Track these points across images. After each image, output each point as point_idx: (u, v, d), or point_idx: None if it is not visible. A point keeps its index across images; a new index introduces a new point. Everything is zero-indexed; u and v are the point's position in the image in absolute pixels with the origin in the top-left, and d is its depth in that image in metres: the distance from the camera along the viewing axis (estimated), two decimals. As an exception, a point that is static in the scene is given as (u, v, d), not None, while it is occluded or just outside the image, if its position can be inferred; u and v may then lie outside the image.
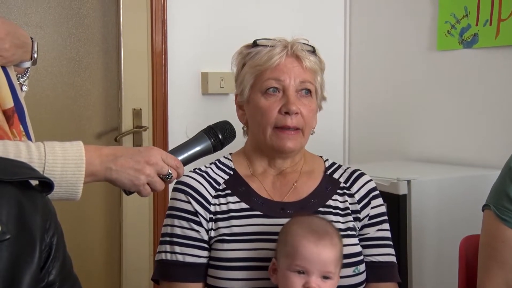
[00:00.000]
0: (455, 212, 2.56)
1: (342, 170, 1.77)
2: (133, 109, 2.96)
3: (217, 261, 1.59)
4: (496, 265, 1.74)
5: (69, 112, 2.90)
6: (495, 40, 2.82)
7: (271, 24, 2.99)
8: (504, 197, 1.73)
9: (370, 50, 3.37)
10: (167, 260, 1.61)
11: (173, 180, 1.49)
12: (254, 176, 1.72)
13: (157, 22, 2.93)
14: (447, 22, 2.99)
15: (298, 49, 1.66)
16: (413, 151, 3.17)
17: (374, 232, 1.70)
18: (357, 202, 1.72)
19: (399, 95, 3.24)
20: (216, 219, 1.63)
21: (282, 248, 1.49)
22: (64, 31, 2.88)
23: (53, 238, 1.10)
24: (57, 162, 1.30)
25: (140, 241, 2.99)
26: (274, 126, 1.63)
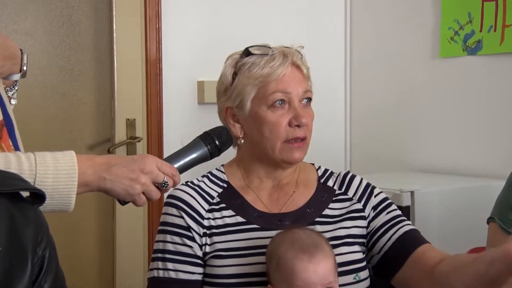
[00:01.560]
0: (460, 224, 2.58)
1: (334, 177, 1.77)
2: (126, 119, 2.97)
3: (213, 278, 1.59)
4: None
5: (60, 123, 2.92)
6: (500, 46, 2.85)
7: (269, 31, 3.02)
8: (509, 209, 1.77)
9: (371, 57, 3.39)
10: (159, 277, 1.60)
11: (169, 189, 1.48)
12: (249, 188, 1.71)
13: (152, 29, 2.94)
14: (450, 29, 3.02)
15: (297, 57, 1.67)
16: (416, 161, 3.19)
17: (384, 216, 1.70)
18: (358, 201, 1.71)
19: (401, 104, 3.25)
20: (211, 233, 1.62)
21: (276, 275, 1.48)
22: (55, 39, 2.90)
23: (45, 251, 1.10)
24: (48, 173, 1.30)
25: (134, 257, 3.00)
26: (284, 140, 1.63)
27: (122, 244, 2.99)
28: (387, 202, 1.72)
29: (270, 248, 1.53)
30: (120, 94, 2.97)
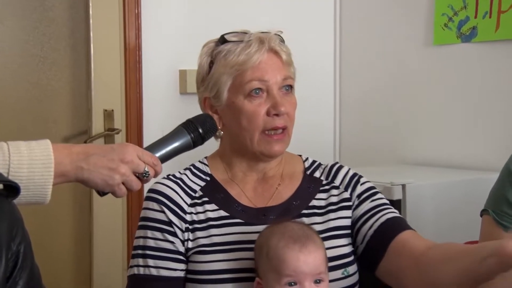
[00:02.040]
0: (453, 218, 2.60)
1: (322, 169, 1.78)
2: (104, 110, 2.96)
3: (197, 274, 1.60)
4: None
5: (34, 114, 2.90)
6: (495, 33, 2.85)
7: (255, 17, 3.01)
8: (503, 201, 1.78)
9: (362, 44, 3.40)
10: (139, 274, 1.61)
11: (151, 179, 1.47)
12: (232, 181, 1.72)
13: (131, 15, 2.93)
14: (444, 15, 3.02)
15: (275, 43, 1.67)
16: (408, 154, 3.21)
17: (368, 204, 1.70)
18: (345, 189, 1.72)
19: (393, 93, 3.27)
20: (193, 229, 1.63)
21: (265, 265, 1.49)
22: (27, 25, 2.88)
23: (20, 246, 1.10)
24: (23, 163, 1.29)
25: (112, 253, 2.99)
26: (262, 130, 1.64)
27: (99, 240, 2.98)
28: (373, 191, 1.73)
29: (260, 240, 1.55)
30: (97, 83, 2.95)
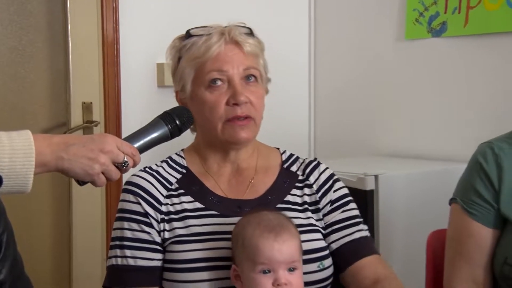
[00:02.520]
0: (423, 206, 2.62)
1: (299, 163, 1.79)
2: (82, 103, 2.96)
3: (174, 263, 1.61)
4: (462, 260, 1.80)
5: (11, 107, 2.90)
6: (464, 28, 2.88)
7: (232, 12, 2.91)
8: (471, 190, 1.80)
9: (336, 40, 3.41)
10: (117, 265, 1.61)
11: (129, 168, 1.47)
12: (208, 173, 1.73)
13: (108, 8, 2.91)
14: (415, 10, 3.04)
15: (236, 34, 1.67)
16: (380, 145, 3.23)
17: (339, 214, 1.72)
18: (316, 191, 1.74)
19: (366, 87, 3.28)
20: (170, 219, 1.64)
21: (241, 253, 1.51)
22: (5, 17, 2.88)
23: (2, 236, 1.13)
24: (4, 153, 1.28)
25: (91, 245, 2.99)
26: (224, 120, 1.65)
27: (78, 231, 3.00)
28: (345, 200, 1.76)
29: (236, 229, 1.56)
30: (76, 76, 2.96)
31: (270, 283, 1.47)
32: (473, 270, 1.79)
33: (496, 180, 1.78)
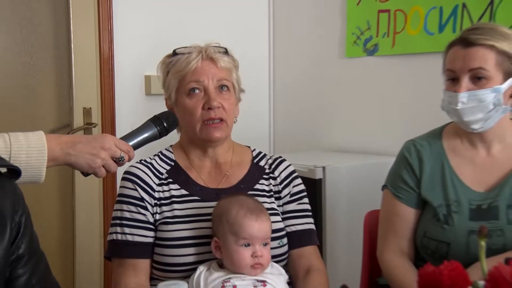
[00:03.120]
0: (361, 192, 2.63)
1: (266, 158, 1.80)
2: (83, 108, 2.93)
3: (163, 240, 1.61)
4: (391, 234, 1.82)
5: (24, 111, 2.87)
6: (392, 49, 2.91)
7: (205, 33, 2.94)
8: (398, 178, 1.82)
9: (292, 53, 3.38)
10: (117, 240, 1.61)
11: (125, 163, 1.48)
12: (191, 166, 1.72)
13: (104, 30, 2.91)
14: (353, 34, 3.05)
15: (212, 52, 1.67)
16: (327, 143, 3.22)
17: (295, 205, 1.74)
18: (279, 183, 1.75)
19: (316, 95, 3.27)
20: (160, 204, 1.64)
21: (225, 228, 1.51)
22: (18, 38, 2.85)
23: (21, 218, 1.12)
24: (21, 150, 1.29)
25: (91, 224, 2.97)
26: (202, 121, 1.65)
27: (80, 213, 2.97)
28: (301, 194, 1.78)
29: (218, 209, 1.58)
30: (78, 86, 2.93)
31: (249, 254, 1.49)
32: (400, 241, 1.81)
33: (418, 170, 1.81)
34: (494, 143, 1.78)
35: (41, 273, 1.17)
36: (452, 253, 1.74)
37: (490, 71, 1.68)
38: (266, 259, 1.52)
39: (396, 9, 2.88)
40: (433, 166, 1.80)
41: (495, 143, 1.78)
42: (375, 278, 1.97)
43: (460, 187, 1.77)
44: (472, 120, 1.72)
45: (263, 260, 1.50)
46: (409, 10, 2.83)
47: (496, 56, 1.68)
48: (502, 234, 1.70)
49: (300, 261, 1.70)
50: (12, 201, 1.12)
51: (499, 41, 1.68)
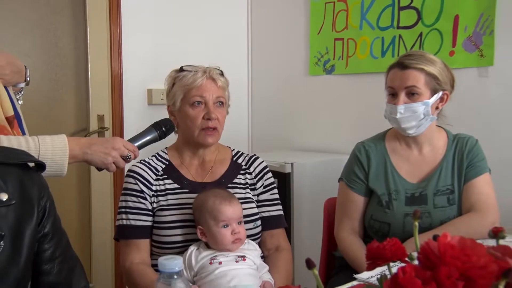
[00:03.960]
0: (322, 183, 2.63)
1: (243, 157, 1.79)
2: (97, 115, 2.91)
3: (159, 224, 1.61)
4: (346, 217, 1.84)
5: (51, 118, 2.85)
6: (346, 69, 2.93)
7: (197, 55, 2.97)
8: (351, 173, 1.85)
9: (268, 70, 3.36)
10: (123, 224, 1.62)
11: (132, 160, 1.47)
12: (182, 164, 1.71)
13: (115, 53, 2.90)
14: (315, 57, 3.06)
15: (213, 73, 1.66)
16: (295, 143, 3.22)
17: (267, 195, 1.74)
18: (254, 177, 1.75)
19: (286, 105, 3.26)
20: (157, 195, 1.64)
21: (206, 215, 1.51)
22: (46, 59, 2.83)
23: (46, 203, 1.11)
24: (48, 150, 1.29)
25: (103, 210, 2.95)
26: (200, 128, 1.64)
27: (95, 202, 2.95)
28: (272, 186, 1.77)
29: (198, 201, 1.57)
30: (93, 97, 2.91)
31: (229, 232, 1.49)
32: (352, 223, 1.83)
33: (366, 166, 1.83)
34: (424, 145, 1.81)
35: (63, 248, 1.16)
36: (392, 231, 1.75)
37: (421, 88, 1.71)
38: (243, 234, 1.52)
39: (348, 38, 2.91)
40: (378, 163, 1.82)
41: (425, 145, 1.81)
42: (332, 252, 1.98)
43: (398, 179, 1.79)
44: (408, 126, 1.74)
45: (240, 235, 1.50)
46: (359, 39, 2.86)
47: (425, 77, 1.70)
48: (429, 216, 1.73)
49: (271, 240, 1.70)
50: (39, 190, 1.10)
51: (427, 65, 1.71)
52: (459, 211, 1.75)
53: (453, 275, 0.59)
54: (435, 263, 0.61)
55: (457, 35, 2.48)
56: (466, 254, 0.61)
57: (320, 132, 3.10)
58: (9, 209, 1.02)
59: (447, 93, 1.75)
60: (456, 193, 1.75)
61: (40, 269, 1.10)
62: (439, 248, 0.62)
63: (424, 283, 0.59)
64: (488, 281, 0.60)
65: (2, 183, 1.03)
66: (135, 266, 1.58)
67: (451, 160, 1.78)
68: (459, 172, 1.77)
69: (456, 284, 0.59)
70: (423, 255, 0.63)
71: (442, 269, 0.60)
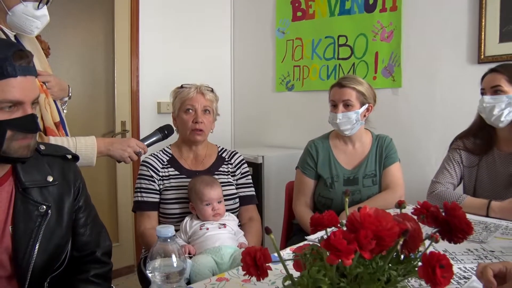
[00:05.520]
0: (285, 172, 2.58)
1: (227, 152, 1.76)
2: (121, 121, 2.87)
3: (164, 200, 1.59)
4: (301, 195, 1.83)
5: (87, 123, 2.78)
6: (302, 87, 2.92)
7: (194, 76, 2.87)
8: (305, 162, 1.85)
9: (244, 91, 3.33)
10: (138, 200, 1.59)
11: (142, 155, 1.46)
12: (181, 157, 1.68)
13: (134, 76, 2.84)
14: (280, 78, 3.05)
15: (203, 89, 1.64)
16: (266, 141, 3.20)
17: (244, 180, 1.71)
18: (234, 167, 1.72)
19: (259, 113, 3.23)
20: (163, 179, 1.61)
21: (194, 196, 1.49)
22: (86, 81, 2.76)
23: (80, 184, 1.11)
24: (82, 147, 1.31)
25: (125, 190, 2.91)
26: (191, 129, 1.62)
27: (120, 184, 2.91)
28: (247, 173, 1.74)
29: (190, 185, 1.55)
30: (118, 108, 2.86)
31: (210, 209, 1.48)
32: (305, 199, 1.83)
33: (315, 157, 1.82)
34: (356, 142, 1.83)
35: (93, 217, 1.15)
36: (334, 205, 1.75)
37: (353, 101, 1.72)
38: (222, 210, 1.50)
39: (304, 65, 2.91)
40: (324, 155, 1.82)
41: (357, 142, 1.83)
42: (291, 220, 1.98)
43: (338, 167, 1.80)
44: (345, 129, 1.76)
45: (219, 211, 1.49)
46: (311, 66, 2.86)
47: (356, 93, 1.72)
48: (360, 193, 1.75)
49: (246, 213, 1.69)
50: (74, 174, 1.10)
51: (358, 85, 1.73)
52: (380, 189, 1.77)
53: (369, 236, 0.60)
54: (357, 228, 0.62)
55: (378, 65, 2.55)
56: (378, 221, 0.62)
57: (284, 133, 3.10)
58: (54, 188, 1.03)
59: (371, 105, 1.78)
60: (378, 176, 1.77)
61: (77, 231, 1.10)
62: (360, 217, 0.63)
63: (349, 243, 0.59)
64: (393, 238, 0.61)
65: (49, 169, 1.03)
66: (147, 231, 1.55)
67: (374, 153, 1.80)
68: (380, 161, 1.79)
69: (370, 242, 0.59)
70: (349, 222, 0.63)
71: (361, 232, 0.60)
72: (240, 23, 3.32)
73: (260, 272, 0.66)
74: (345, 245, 0.58)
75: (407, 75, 2.48)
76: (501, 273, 0.79)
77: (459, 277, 1.00)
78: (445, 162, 1.71)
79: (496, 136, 1.62)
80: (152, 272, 0.79)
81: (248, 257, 0.66)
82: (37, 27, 1.36)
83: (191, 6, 3.14)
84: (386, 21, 2.52)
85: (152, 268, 0.80)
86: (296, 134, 3.00)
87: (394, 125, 2.47)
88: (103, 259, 1.15)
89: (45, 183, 1.01)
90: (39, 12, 1.33)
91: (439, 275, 0.58)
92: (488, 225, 1.39)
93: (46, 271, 1.00)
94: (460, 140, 1.70)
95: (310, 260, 0.66)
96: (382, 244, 0.60)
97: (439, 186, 1.65)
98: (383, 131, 1.89)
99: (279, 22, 3.03)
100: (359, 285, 0.62)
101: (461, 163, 1.68)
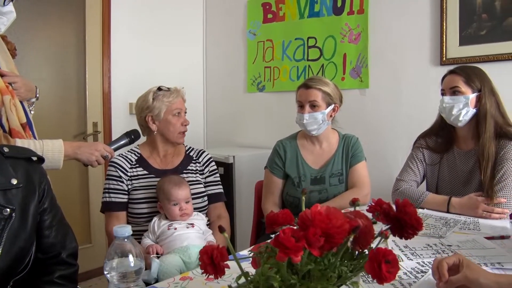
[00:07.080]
0: (254, 171, 2.61)
1: (194, 151, 1.75)
2: (93, 122, 2.82)
3: (133, 200, 1.57)
4: (269, 194, 1.84)
5: (58, 123, 2.72)
6: (272, 88, 2.93)
7: (165, 79, 2.92)
8: (273, 162, 1.85)
9: (216, 91, 3.32)
10: (106, 201, 1.58)
11: (110, 159, 1.47)
12: (151, 156, 1.67)
13: (106, 77, 2.80)
14: (251, 79, 3.05)
15: (183, 94, 1.66)
16: (237, 141, 3.20)
17: (212, 178, 1.70)
18: (202, 165, 1.71)
19: (230, 114, 3.23)
20: (131, 179, 1.59)
21: (162, 196, 1.48)
22: (56, 81, 2.70)
23: (45, 186, 1.08)
24: (48, 150, 1.29)
25: (97, 190, 2.83)
26: (178, 131, 1.63)
27: (92, 185, 2.85)
28: (215, 171, 1.73)
29: (159, 184, 1.54)
30: (90, 108, 2.80)
31: (177, 209, 1.46)
32: (274, 198, 1.83)
33: (283, 157, 1.83)
34: (323, 142, 1.84)
35: (58, 219, 1.13)
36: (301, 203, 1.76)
37: (319, 102, 1.73)
38: (190, 210, 1.50)
39: (274, 66, 2.92)
40: (292, 155, 1.83)
41: (324, 141, 1.84)
42: (260, 219, 1.98)
43: (306, 166, 1.80)
44: (311, 129, 1.77)
45: (187, 211, 1.48)
46: (281, 67, 2.87)
47: (322, 94, 1.73)
48: (326, 192, 1.76)
49: (214, 211, 1.68)
50: (39, 176, 1.08)
51: (324, 86, 1.74)
52: (346, 187, 1.78)
53: (317, 233, 0.60)
54: (307, 226, 0.62)
55: (346, 66, 2.58)
56: (328, 218, 0.62)
57: (254, 133, 3.09)
58: (18, 190, 1.01)
59: (337, 106, 1.79)
60: (344, 175, 1.79)
61: (42, 234, 1.08)
62: (311, 215, 0.63)
63: (297, 240, 0.59)
64: (342, 236, 0.62)
65: (13, 171, 1.01)
66: (115, 232, 1.53)
67: (341, 152, 1.81)
68: (346, 160, 1.80)
69: (319, 239, 0.60)
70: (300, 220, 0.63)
71: (310, 229, 0.60)
72: (212, 25, 3.31)
73: (217, 270, 0.65)
74: (293, 242, 0.58)
75: (374, 76, 2.52)
76: (455, 266, 0.84)
77: (416, 271, 1.01)
78: (408, 161, 1.73)
79: (456, 135, 1.64)
80: (109, 272, 0.77)
81: (206, 256, 0.66)
82: (3, 24, 1.34)
83: (163, 7, 3.11)
84: (353, 23, 2.56)
85: (109, 268, 0.78)
86: (267, 134, 2.98)
87: (362, 124, 2.50)
88: (69, 261, 1.12)
89: (9, 186, 0.99)
90: (5, 8, 1.31)
91: (384, 270, 0.59)
92: (448, 221, 1.42)
93: (9, 275, 0.98)
94: (422, 139, 1.72)
95: (265, 258, 0.65)
96: (331, 241, 0.60)
97: (403, 183, 1.67)
98: (351, 131, 1.91)
99: (250, 24, 3.04)
100: (310, 282, 0.62)
101: (424, 161, 1.69)
